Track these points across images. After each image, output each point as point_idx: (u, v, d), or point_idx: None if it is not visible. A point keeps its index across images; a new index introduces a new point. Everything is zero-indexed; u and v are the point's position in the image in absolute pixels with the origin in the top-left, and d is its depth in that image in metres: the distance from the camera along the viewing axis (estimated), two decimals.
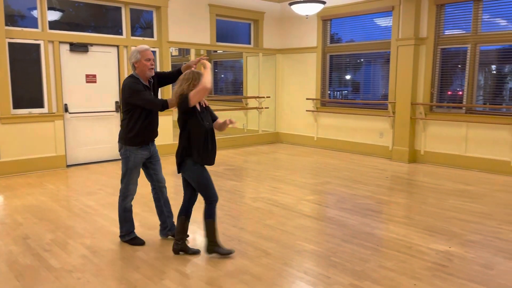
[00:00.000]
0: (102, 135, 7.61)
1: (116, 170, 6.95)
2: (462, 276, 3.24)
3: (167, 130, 7.97)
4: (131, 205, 3.89)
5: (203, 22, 8.67)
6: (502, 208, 5.01)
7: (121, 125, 3.80)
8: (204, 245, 3.57)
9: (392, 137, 8.02)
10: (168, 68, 8.20)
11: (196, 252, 3.61)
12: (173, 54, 9.15)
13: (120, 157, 3.83)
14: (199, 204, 3.66)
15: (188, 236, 3.74)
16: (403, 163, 7.72)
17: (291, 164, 7.62)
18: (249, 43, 9.78)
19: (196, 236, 4.05)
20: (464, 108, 7.24)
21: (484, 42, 6.99)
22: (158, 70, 8.13)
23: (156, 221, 4.47)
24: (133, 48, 3.68)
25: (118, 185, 3.90)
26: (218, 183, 6.14)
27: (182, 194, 3.64)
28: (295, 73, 9.72)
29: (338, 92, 9.50)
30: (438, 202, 5.22)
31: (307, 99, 9.38)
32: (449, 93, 7.55)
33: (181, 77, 3.45)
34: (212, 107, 3.73)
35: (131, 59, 3.62)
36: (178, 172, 3.52)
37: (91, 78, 7.42)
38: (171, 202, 4.05)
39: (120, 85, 7.67)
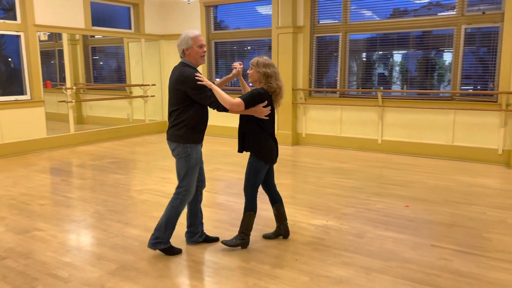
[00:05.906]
0: None
1: None
2: (337, 247, 3.54)
3: None
4: None
5: (75, 4, 7.97)
6: (370, 181, 5.58)
7: (177, 122, 3.28)
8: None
9: (277, 121, 8.37)
10: (36, 56, 7.40)
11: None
12: (42, 39, 8.27)
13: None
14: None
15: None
16: (287, 146, 8.12)
17: None
18: (130, 28, 9.29)
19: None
20: (338, 92, 7.85)
21: (353, 31, 7.63)
22: (25, 58, 7.33)
23: (28, 224, 4.06)
24: (184, 33, 3.37)
25: None
26: (100, 178, 5.78)
27: None
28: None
29: None
30: (317, 180, 5.61)
31: None
32: (326, 78, 8.11)
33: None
34: (93, 97, 3.45)
35: (182, 45, 3.33)
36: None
37: None
38: None
39: None
